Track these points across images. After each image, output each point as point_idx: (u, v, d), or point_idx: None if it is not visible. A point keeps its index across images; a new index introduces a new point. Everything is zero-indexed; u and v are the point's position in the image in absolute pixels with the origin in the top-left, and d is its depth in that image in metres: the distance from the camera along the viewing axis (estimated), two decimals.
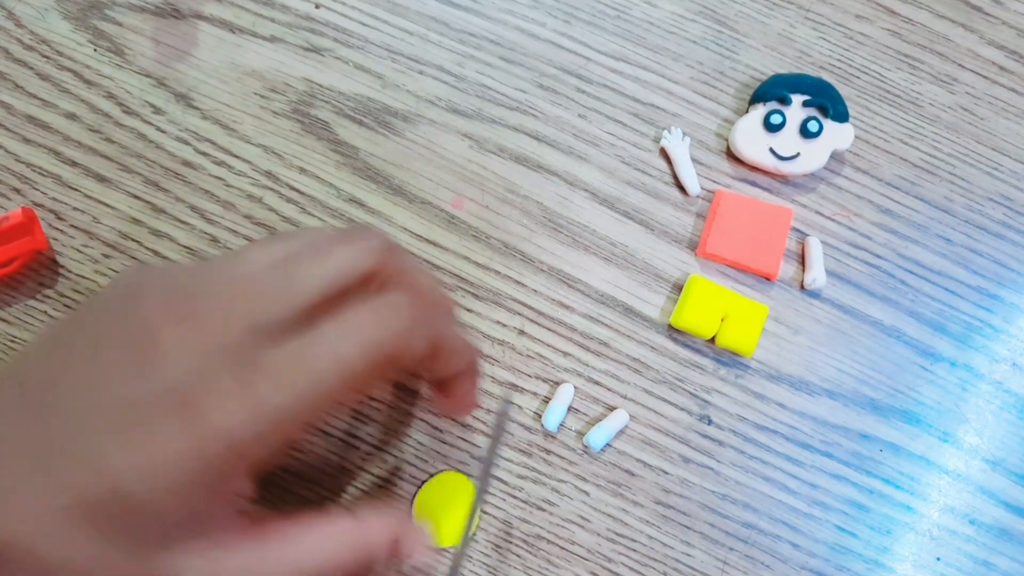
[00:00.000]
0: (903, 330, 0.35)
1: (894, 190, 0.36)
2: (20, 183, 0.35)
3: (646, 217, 0.36)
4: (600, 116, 0.36)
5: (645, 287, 0.35)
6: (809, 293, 0.35)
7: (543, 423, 0.33)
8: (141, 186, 0.35)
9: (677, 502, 0.33)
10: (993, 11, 0.38)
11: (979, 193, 0.36)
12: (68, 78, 0.36)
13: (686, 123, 0.36)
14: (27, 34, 0.36)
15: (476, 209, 0.35)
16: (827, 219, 0.36)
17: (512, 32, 0.37)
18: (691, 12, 0.38)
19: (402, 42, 0.37)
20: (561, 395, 0.33)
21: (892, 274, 0.35)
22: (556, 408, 0.33)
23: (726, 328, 0.33)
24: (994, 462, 0.34)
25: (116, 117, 0.36)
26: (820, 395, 0.34)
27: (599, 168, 0.36)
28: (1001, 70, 0.37)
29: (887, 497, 0.34)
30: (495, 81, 0.37)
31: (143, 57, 0.36)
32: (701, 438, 0.34)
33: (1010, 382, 0.35)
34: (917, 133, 0.37)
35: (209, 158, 0.35)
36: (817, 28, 0.38)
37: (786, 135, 0.35)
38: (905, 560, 0.33)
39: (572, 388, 0.33)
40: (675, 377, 0.34)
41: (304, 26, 0.37)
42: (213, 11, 0.37)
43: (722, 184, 0.36)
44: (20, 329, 0.34)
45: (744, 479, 0.33)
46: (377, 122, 0.36)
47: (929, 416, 0.34)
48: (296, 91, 0.36)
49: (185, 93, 0.36)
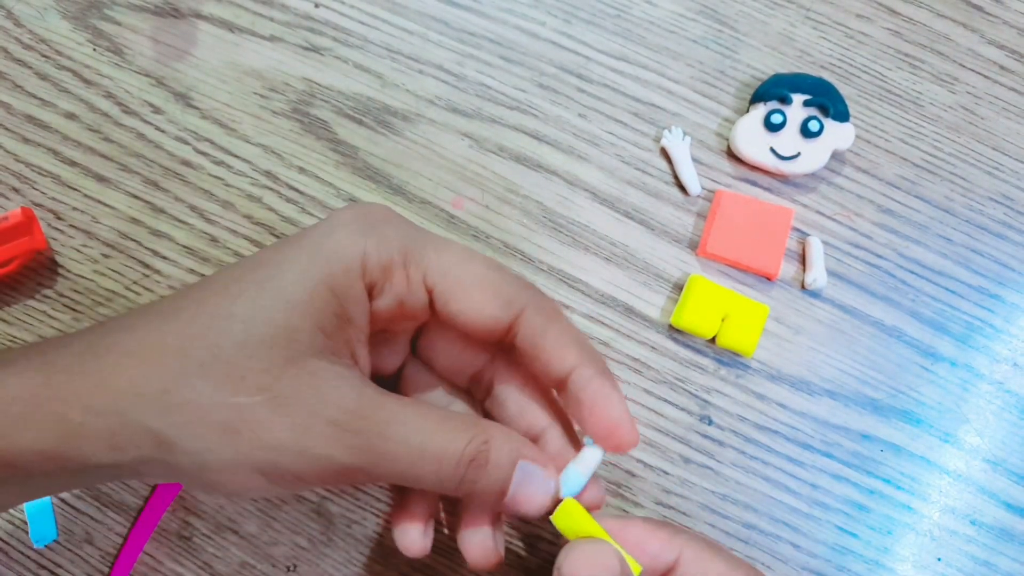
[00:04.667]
0: (904, 330, 0.35)
1: (895, 190, 0.36)
2: (19, 183, 0.35)
3: (646, 217, 0.35)
4: (600, 115, 0.36)
5: (645, 287, 0.35)
6: (810, 293, 0.35)
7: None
8: (140, 186, 0.35)
9: (677, 502, 0.33)
10: (994, 10, 0.38)
11: (980, 193, 0.36)
12: (67, 77, 0.36)
13: (686, 122, 0.36)
14: (26, 33, 0.36)
15: (476, 209, 0.35)
16: (828, 219, 0.36)
17: (512, 31, 0.37)
18: (691, 11, 0.37)
19: (402, 41, 0.37)
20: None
21: (893, 274, 0.35)
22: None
23: (726, 328, 0.33)
24: (995, 462, 0.34)
25: (115, 117, 0.35)
26: (821, 395, 0.34)
27: (599, 168, 0.36)
28: (1002, 70, 0.37)
29: (888, 497, 0.33)
30: (495, 80, 0.37)
31: (142, 56, 0.36)
32: (702, 438, 0.34)
33: (1011, 382, 0.35)
34: (918, 133, 0.37)
35: (208, 158, 0.35)
36: (818, 27, 0.37)
37: (787, 135, 0.35)
38: (906, 561, 0.33)
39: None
40: (675, 377, 0.34)
41: (304, 25, 0.37)
42: (212, 10, 0.37)
43: (723, 184, 0.36)
44: (20, 329, 0.34)
45: (745, 479, 0.33)
46: (377, 122, 0.36)
47: (930, 416, 0.34)
48: (295, 90, 0.36)
49: (184, 93, 0.36)
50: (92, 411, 0.22)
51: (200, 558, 0.32)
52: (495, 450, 0.24)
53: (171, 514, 0.32)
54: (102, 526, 0.32)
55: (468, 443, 0.23)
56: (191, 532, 0.32)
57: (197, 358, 0.22)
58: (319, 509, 0.33)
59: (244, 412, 0.22)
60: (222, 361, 0.22)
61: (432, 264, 0.25)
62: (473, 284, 0.25)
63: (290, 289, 0.23)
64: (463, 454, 0.23)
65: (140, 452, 0.22)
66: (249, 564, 0.32)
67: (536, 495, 0.24)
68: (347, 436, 0.23)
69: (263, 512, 0.33)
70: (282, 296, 0.23)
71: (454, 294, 0.25)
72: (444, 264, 0.25)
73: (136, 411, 0.22)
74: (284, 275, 0.23)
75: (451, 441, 0.23)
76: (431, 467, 0.23)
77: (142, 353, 0.23)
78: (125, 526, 0.32)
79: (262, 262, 0.24)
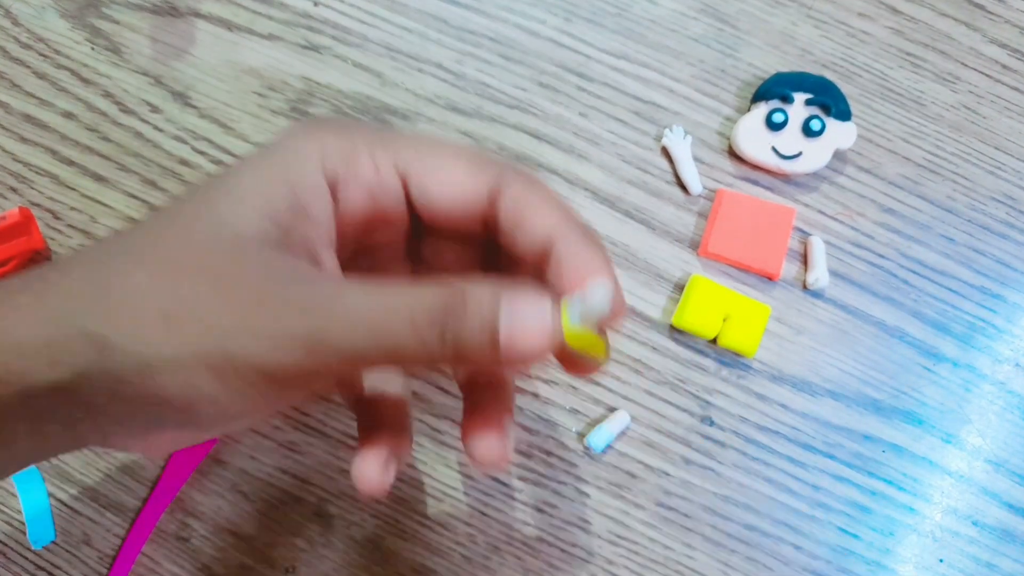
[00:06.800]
0: (906, 330, 0.35)
1: (897, 189, 0.36)
2: (17, 182, 0.35)
3: (647, 216, 0.35)
4: (601, 114, 0.36)
5: (646, 287, 0.35)
6: (811, 293, 0.35)
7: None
8: (138, 185, 0.35)
9: (679, 504, 0.33)
10: (996, 9, 0.38)
11: (982, 192, 0.36)
12: (65, 76, 0.36)
13: (688, 122, 0.36)
14: (24, 32, 0.36)
15: None
16: (829, 218, 0.36)
17: (512, 30, 0.37)
18: (693, 10, 0.37)
19: (401, 40, 0.37)
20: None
21: (895, 274, 0.35)
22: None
23: (728, 328, 0.33)
24: (997, 463, 0.34)
25: (113, 116, 0.35)
26: (823, 396, 0.34)
27: (600, 167, 0.36)
28: (1004, 68, 0.37)
29: (890, 498, 0.33)
30: (495, 79, 0.36)
31: (140, 55, 0.36)
32: (703, 439, 0.34)
33: (1013, 383, 0.34)
34: (920, 132, 0.36)
35: (206, 157, 0.35)
36: (819, 26, 0.37)
37: (788, 134, 0.35)
38: (908, 562, 0.33)
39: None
40: (677, 378, 0.34)
41: (302, 24, 0.36)
42: (211, 9, 0.37)
43: (724, 183, 0.36)
44: None
45: (746, 480, 0.33)
46: (376, 120, 0.36)
47: (932, 417, 0.34)
48: (294, 89, 0.36)
49: (182, 91, 0.36)
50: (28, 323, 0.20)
51: (198, 559, 0.32)
52: (471, 292, 0.20)
53: (169, 515, 0.32)
54: (100, 527, 0.32)
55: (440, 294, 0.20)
56: (189, 533, 0.32)
57: (138, 255, 0.21)
58: (318, 510, 0.33)
59: (185, 298, 0.20)
60: (162, 252, 0.21)
61: (402, 149, 0.23)
62: (449, 159, 0.23)
63: (242, 185, 0.22)
64: (435, 301, 0.20)
65: (77, 363, 0.20)
66: (247, 565, 0.32)
67: (534, 327, 0.20)
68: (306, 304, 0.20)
69: (262, 513, 0.33)
70: (233, 192, 0.22)
71: (430, 173, 0.23)
72: (416, 147, 0.23)
73: (73, 315, 0.20)
74: (238, 175, 0.22)
75: (422, 295, 0.20)
76: (403, 321, 0.20)
77: (86, 261, 0.21)
78: (123, 527, 0.32)
79: (221, 172, 0.23)
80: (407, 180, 0.23)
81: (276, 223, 0.21)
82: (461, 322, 0.20)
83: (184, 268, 0.20)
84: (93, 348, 0.20)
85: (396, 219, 0.24)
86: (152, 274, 0.20)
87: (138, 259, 0.21)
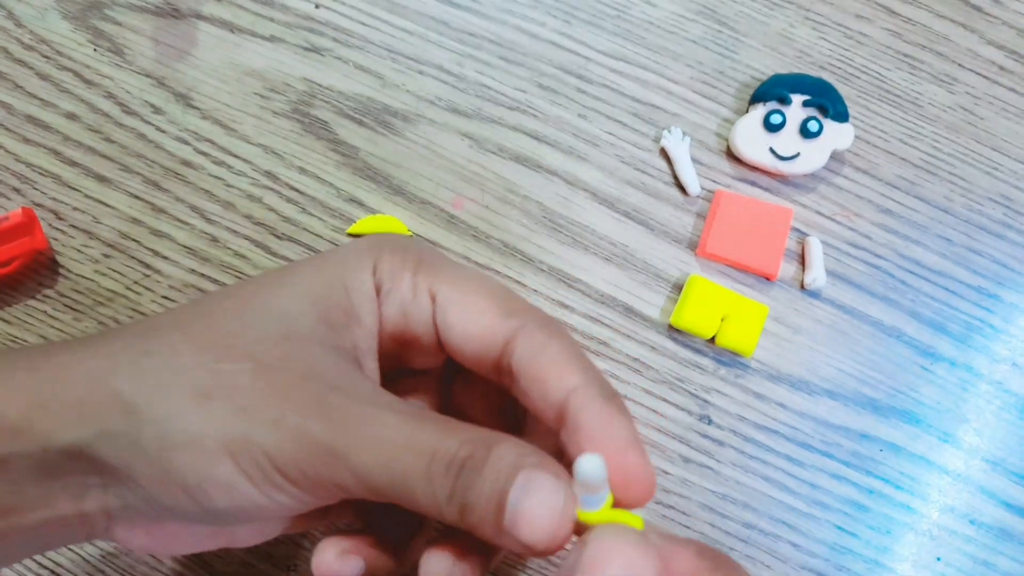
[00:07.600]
0: (903, 330, 0.35)
1: (894, 190, 0.36)
2: (20, 183, 0.35)
3: (646, 217, 0.36)
4: (600, 116, 0.36)
5: (645, 287, 0.35)
6: (809, 293, 0.35)
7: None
8: (141, 186, 0.35)
9: (677, 502, 0.33)
10: (993, 11, 0.38)
11: (979, 193, 0.36)
12: (68, 78, 0.36)
13: (686, 123, 0.36)
14: (27, 34, 0.36)
15: (476, 209, 0.35)
16: (827, 219, 0.36)
17: (512, 32, 0.37)
18: (691, 12, 0.38)
19: (402, 42, 0.37)
20: None
21: (892, 274, 0.35)
22: None
23: (726, 328, 0.33)
24: (994, 462, 0.34)
25: (116, 117, 0.36)
26: (820, 395, 0.34)
27: (599, 168, 0.36)
28: (1001, 70, 0.37)
29: (887, 497, 0.34)
30: (495, 81, 0.37)
31: (143, 57, 0.36)
32: (701, 438, 0.34)
33: (1010, 382, 0.35)
34: (917, 133, 0.37)
35: (209, 158, 0.35)
36: (817, 28, 0.38)
37: (786, 135, 0.35)
38: (905, 560, 0.33)
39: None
40: (675, 377, 0.34)
41: (304, 26, 0.37)
42: (213, 11, 0.37)
43: (722, 184, 0.36)
44: (20, 329, 0.34)
45: (744, 479, 0.33)
46: (377, 122, 0.36)
47: (929, 416, 0.34)
48: (296, 91, 0.36)
49: (185, 93, 0.36)
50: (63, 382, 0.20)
51: (200, 557, 0.32)
52: (495, 453, 0.19)
53: None
54: None
55: (465, 442, 0.19)
56: None
57: (187, 330, 0.21)
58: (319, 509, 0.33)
59: (224, 377, 0.20)
60: (212, 332, 0.21)
61: (439, 273, 0.24)
62: (473, 294, 0.23)
63: (299, 280, 0.22)
64: (457, 452, 0.19)
65: (102, 423, 0.20)
66: (249, 563, 0.32)
67: (542, 511, 0.19)
68: (338, 415, 0.20)
69: None
70: (289, 286, 0.22)
71: (454, 301, 0.23)
72: (452, 276, 0.24)
73: (108, 376, 0.20)
74: (296, 271, 0.23)
75: (446, 438, 0.19)
76: (420, 463, 0.19)
77: (134, 329, 0.22)
78: None
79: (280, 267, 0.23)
80: (435, 303, 0.23)
81: (328, 323, 0.22)
82: (472, 481, 0.19)
83: (230, 351, 0.21)
84: (120, 410, 0.20)
85: (426, 343, 0.24)
86: (197, 351, 0.21)
87: (186, 335, 0.21)
